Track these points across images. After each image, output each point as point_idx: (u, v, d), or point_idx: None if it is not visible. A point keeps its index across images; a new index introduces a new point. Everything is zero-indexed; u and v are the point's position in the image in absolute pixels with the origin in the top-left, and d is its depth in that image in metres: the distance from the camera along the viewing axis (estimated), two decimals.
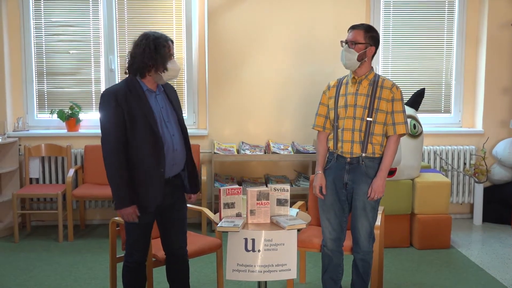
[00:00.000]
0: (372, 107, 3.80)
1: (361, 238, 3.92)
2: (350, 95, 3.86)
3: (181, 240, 3.79)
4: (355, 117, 3.82)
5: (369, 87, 3.83)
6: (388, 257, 5.07)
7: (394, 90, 3.81)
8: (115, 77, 6.35)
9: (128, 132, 3.42)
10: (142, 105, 3.45)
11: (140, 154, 3.45)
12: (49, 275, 4.86)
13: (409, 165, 5.45)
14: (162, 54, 3.46)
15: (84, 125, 6.38)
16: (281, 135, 6.31)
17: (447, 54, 6.62)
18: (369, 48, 3.82)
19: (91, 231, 6.14)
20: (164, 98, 3.62)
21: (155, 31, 3.54)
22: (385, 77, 3.89)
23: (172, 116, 3.61)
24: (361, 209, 3.88)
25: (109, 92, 3.46)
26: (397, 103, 3.82)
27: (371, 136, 3.81)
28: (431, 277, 4.85)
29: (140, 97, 3.46)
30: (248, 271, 3.56)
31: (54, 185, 6.16)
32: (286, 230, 3.56)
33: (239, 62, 6.21)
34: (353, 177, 3.88)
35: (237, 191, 3.73)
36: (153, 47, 3.44)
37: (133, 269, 3.66)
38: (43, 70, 6.37)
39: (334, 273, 4.02)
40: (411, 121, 5.45)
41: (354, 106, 3.83)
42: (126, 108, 3.40)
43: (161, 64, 3.47)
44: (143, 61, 3.45)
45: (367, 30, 3.83)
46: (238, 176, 6.31)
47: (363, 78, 3.85)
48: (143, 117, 3.43)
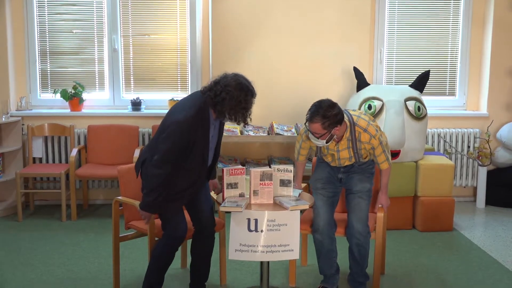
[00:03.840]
0: (356, 156, 4.02)
1: (356, 219, 3.93)
2: (332, 151, 4.03)
3: (211, 215, 3.88)
4: (340, 161, 4.07)
5: (348, 142, 3.97)
6: (390, 239, 5.08)
7: (372, 141, 3.95)
8: (118, 57, 6.33)
9: (187, 157, 3.59)
10: (205, 135, 3.63)
11: (185, 179, 3.64)
12: (53, 254, 4.88)
13: (413, 147, 5.44)
14: (247, 107, 3.66)
15: (87, 105, 6.37)
16: (284, 116, 6.29)
17: (453, 36, 6.57)
18: (334, 130, 3.82)
19: (94, 210, 6.16)
20: (216, 127, 3.80)
21: (249, 82, 3.74)
22: (360, 129, 3.94)
23: (214, 144, 3.82)
24: (356, 192, 4.03)
25: (187, 122, 3.51)
26: (377, 149, 3.99)
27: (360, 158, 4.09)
28: (434, 259, 4.86)
29: (205, 128, 3.62)
30: (251, 251, 3.57)
31: (57, 164, 6.18)
32: (289, 211, 3.57)
33: (243, 44, 6.17)
34: (348, 174, 4.11)
35: (241, 171, 3.74)
36: (243, 102, 3.62)
37: (176, 245, 3.77)
38: (46, 50, 6.35)
39: (327, 257, 4.03)
40: (415, 103, 5.43)
41: (338, 159, 4.06)
42: (193, 137, 3.55)
43: (242, 119, 3.65)
44: (230, 109, 3.60)
45: (322, 121, 3.75)
46: (241, 158, 6.31)
47: (341, 139, 3.97)
48: (201, 146, 3.62)
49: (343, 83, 6.19)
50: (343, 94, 6.16)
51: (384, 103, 5.38)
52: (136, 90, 6.46)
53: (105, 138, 6.13)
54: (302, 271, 4.52)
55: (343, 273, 4.26)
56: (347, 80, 6.16)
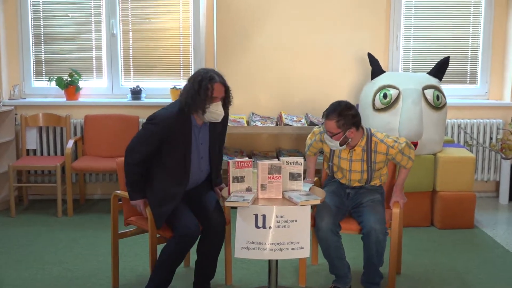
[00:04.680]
0: (369, 170, 4.09)
1: (374, 219, 3.91)
2: (344, 160, 4.12)
3: (219, 211, 3.94)
4: (350, 179, 4.15)
5: (363, 153, 4.07)
6: (407, 237, 5.07)
7: (390, 152, 4.05)
8: (117, 42, 6.33)
9: (162, 156, 3.80)
10: (185, 141, 3.80)
11: (162, 180, 3.82)
12: (48, 251, 4.90)
13: (431, 139, 5.42)
14: (202, 96, 3.72)
15: (84, 94, 6.38)
16: (294, 106, 6.28)
17: (474, 19, 6.53)
18: (348, 132, 3.95)
19: (92, 206, 6.17)
20: (206, 132, 3.94)
21: (211, 70, 3.84)
22: (377, 139, 4.06)
23: (207, 152, 3.97)
24: (366, 201, 4.09)
25: (159, 121, 3.76)
26: (397, 157, 4.08)
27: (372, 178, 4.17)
28: (453, 258, 4.84)
29: (186, 133, 3.80)
30: (258, 249, 3.57)
31: (52, 157, 6.19)
32: (299, 206, 3.56)
33: (250, 28, 6.16)
34: (356, 190, 4.19)
35: (247, 164, 3.74)
36: (196, 87, 3.73)
37: (189, 244, 3.81)
38: (41, 35, 6.35)
39: (336, 256, 4.03)
40: (434, 92, 5.40)
41: (349, 171, 4.13)
42: (167, 141, 3.75)
43: (199, 107, 3.74)
44: (186, 100, 3.76)
45: (337, 119, 3.90)
46: (248, 150, 6.31)
47: (356, 148, 4.06)
48: (181, 153, 3.80)
49: (357, 70, 6.17)
50: (356, 82, 6.14)
51: (400, 92, 5.36)
52: (136, 77, 6.46)
53: (103, 128, 6.13)
54: (312, 271, 4.51)
55: (354, 272, 4.25)
56: (361, 68, 6.14)
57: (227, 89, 3.88)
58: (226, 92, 3.87)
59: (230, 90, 3.92)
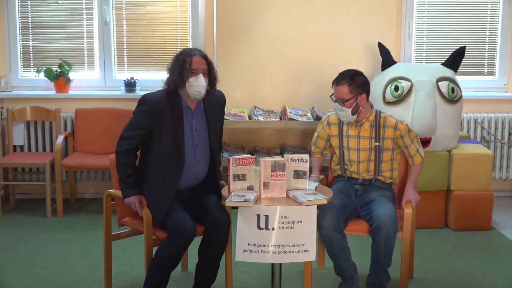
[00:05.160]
0: (377, 149, 4.17)
1: (384, 213, 3.91)
2: (352, 138, 4.22)
3: (220, 208, 3.96)
4: (359, 161, 4.21)
5: (371, 129, 4.18)
6: (420, 239, 5.06)
7: (399, 126, 4.15)
8: (110, 31, 6.32)
9: (154, 144, 3.90)
10: (176, 124, 3.89)
11: (157, 169, 3.90)
12: (37, 254, 4.90)
13: (445, 134, 5.42)
14: (181, 69, 3.87)
15: (75, 86, 6.38)
16: (299, 99, 6.28)
17: (493, 7, 6.52)
18: (360, 98, 4.09)
19: (83, 205, 6.18)
20: (202, 118, 4.03)
21: (193, 48, 4.19)
22: (386, 114, 4.21)
23: (205, 141, 4.03)
24: (375, 197, 4.10)
25: (148, 101, 3.92)
26: (406, 137, 4.18)
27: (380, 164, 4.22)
28: (469, 262, 4.85)
29: (176, 115, 3.90)
30: (261, 252, 3.57)
31: (41, 153, 6.19)
32: (305, 206, 3.56)
33: (252, 15, 6.16)
34: (365, 187, 4.24)
35: (249, 161, 3.74)
36: (175, 63, 3.92)
37: (185, 244, 3.84)
38: (28, 23, 6.35)
39: (341, 256, 4.03)
40: (449, 84, 5.40)
41: (357, 150, 4.20)
42: (157, 122, 3.86)
43: (179, 79, 3.86)
44: (168, 77, 3.96)
45: (349, 82, 4.09)
46: (249, 146, 6.31)
47: (363, 121, 4.17)
48: (173, 136, 3.88)
49: (366, 61, 6.16)
50: (365, 74, 6.05)
51: (413, 84, 5.36)
52: (130, 69, 6.46)
53: (95, 123, 6.14)
54: (319, 275, 4.51)
55: (361, 275, 4.25)
56: (371, 58, 6.13)
57: (209, 63, 3.98)
58: (208, 66, 3.97)
59: (213, 65, 4.03)
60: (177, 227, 3.79)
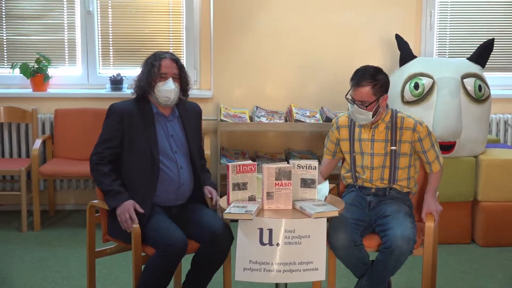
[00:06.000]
0: (393, 154, 4.14)
1: (400, 231, 3.88)
2: (365, 142, 4.20)
3: (217, 220, 4.00)
4: (373, 167, 4.18)
5: (387, 131, 4.15)
6: (443, 256, 5.07)
7: (418, 128, 4.12)
8: (94, 22, 6.34)
9: (126, 153, 3.98)
10: (147, 129, 3.98)
11: (131, 179, 3.97)
12: (11, 273, 4.90)
13: (472, 138, 5.42)
14: (149, 73, 4.00)
15: (55, 83, 6.40)
16: (306, 98, 6.30)
17: None
18: (382, 99, 4.08)
19: (63, 218, 6.19)
20: (178, 124, 4.13)
21: (164, 51, 4.15)
22: (403, 114, 4.18)
23: (185, 147, 4.11)
24: (391, 212, 4.06)
25: (115, 109, 4.02)
26: (425, 141, 4.15)
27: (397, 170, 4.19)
28: (499, 282, 4.85)
29: (147, 120, 4.00)
30: (264, 270, 3.56)
31: (15, 159, 6.21)
32: (313, 219, 3.55)
33: (253, 5, 6.17)
34: (379, 198, 4.21)
35: (251, 168, 3.73)
36: (143, 65, 4.08)
37: (174, 261, 3.85)
38: (1, 13, 6.37)
39: (361, 266, 4.02)
40: (475, 81, 5.40)
41: (371, 154, 4.17)
42: (127, 129, 3.95)
43: (146, 84, 3.99)
44: (136, 83, 4.07)
45: (373, 83, 4.04)
46: (251, 151, 6.32)
47: (379, 123, 4.15)
48: (145, 143, 3.96)
49: (382, 55, 6.17)
50: None
51: (435, 81, 5.36)
52: (117, 64, 6.49)
53: (77, 125, 6.15)
54: None
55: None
56: (387, 52, 6.14)
57: (181, 67, 4.08)
58: (180, 70, 4.06)
59: (185, 69, 4.13)
60: (164, 239, 3.77)
